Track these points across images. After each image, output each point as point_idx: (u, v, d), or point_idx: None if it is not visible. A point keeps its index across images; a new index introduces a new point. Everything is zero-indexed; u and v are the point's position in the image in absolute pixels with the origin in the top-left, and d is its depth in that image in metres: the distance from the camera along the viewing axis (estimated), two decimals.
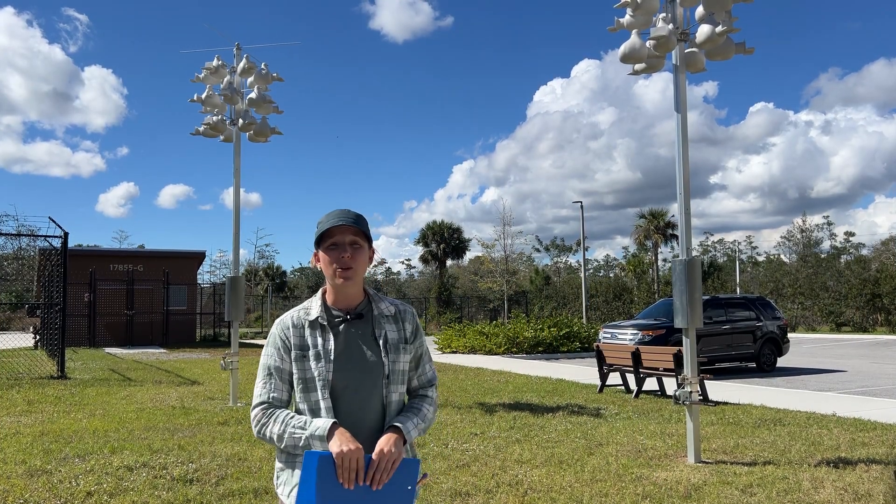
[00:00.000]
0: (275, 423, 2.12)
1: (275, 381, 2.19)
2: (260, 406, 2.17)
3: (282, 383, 2.19)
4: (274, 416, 2.14)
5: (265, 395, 2.18)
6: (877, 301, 37.36)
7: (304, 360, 2.18)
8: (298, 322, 2.22)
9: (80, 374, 15.70)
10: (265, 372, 2.21)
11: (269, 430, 2.13)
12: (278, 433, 2.11)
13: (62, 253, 15.34)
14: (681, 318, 7.08)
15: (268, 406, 2.17)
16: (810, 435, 7.96)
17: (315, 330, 2.21)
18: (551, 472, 6.29)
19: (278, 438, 2.11)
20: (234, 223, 11.62)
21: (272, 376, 2.20)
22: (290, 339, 2.20)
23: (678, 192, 7.27)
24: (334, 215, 2.23)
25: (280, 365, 2.20)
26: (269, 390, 2.18)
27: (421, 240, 52.26)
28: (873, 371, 16.08)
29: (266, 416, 2.15)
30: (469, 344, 23.31)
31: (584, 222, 36.62)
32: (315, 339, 2.19)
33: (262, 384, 2.20)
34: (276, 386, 2.19)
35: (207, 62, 11.58)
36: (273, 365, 2.20)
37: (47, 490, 5.68)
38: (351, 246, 2.21)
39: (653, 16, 7.22)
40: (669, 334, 14.93)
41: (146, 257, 30.98)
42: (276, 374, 2.20)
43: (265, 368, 2.21)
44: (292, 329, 2.21)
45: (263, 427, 2.14)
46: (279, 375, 2.20)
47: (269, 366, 2.21)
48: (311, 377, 2.16)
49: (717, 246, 74.60)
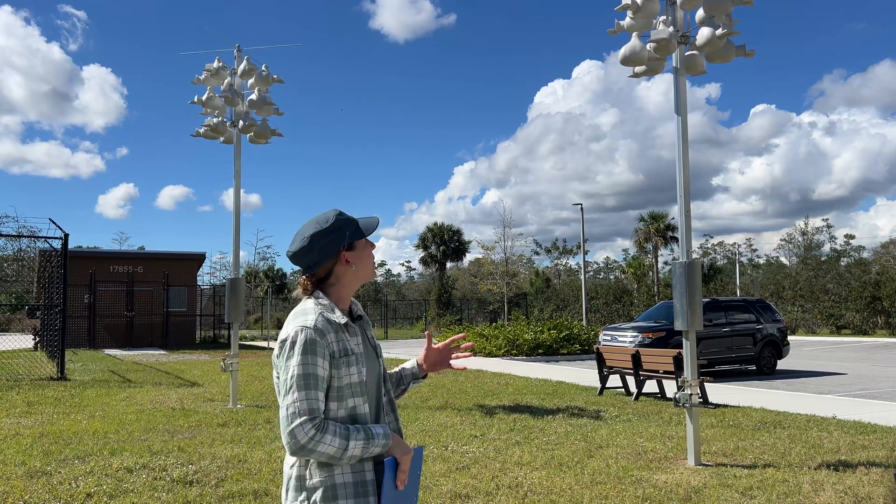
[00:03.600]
0: (334, 437, 2.03)
1: (319, 392, 2.09)
2: (311, 421, 2.04)
3: (322, 393, 2.10)
4: (328, 429, 2.04)
5: (314, 407, 2.06)
6: (877, 304, 37.34)
7: (346, 366, 2.12)
8: (328, 327, 2.14)
9: (80, 375, 15.69)
10: (307, 381, 2.07)
11: (327, 444, 2.02)
12: (339, 445, 2.03)
13: (62, 254, 15.35)
14: (681, 321, 7.08)
15: (319, 420, 2.06)
16: (810, 438, 7.95)
17: (343, 334, 2.17)
18: (551, 474, 6.29)
19: (337, 450, 2.03)
20: (234, 225, 11.63)
21: (317, 387, 2.08)
22: (332, 345, 2.12)
23: (678, 195, 7.28)
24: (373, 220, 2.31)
25: (322, 374, 2.09)
26: (316, 402, 2.07)
27: (421, 243, 52.29)
28: (873, 374, 16.07)
29: (320, 430, 2.04)
30: None
31: (585, 224, 36.63)
32: (351, 344, 2.16)
33: (304, 394, 2.06)
34: (320, 397, 2.09)
35: (208, 64, 11.60)
36: (317, 374, 2.08)
37: (47, 491, 5.68)
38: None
39: (653, 18, 7.23)
40: (669, 337, 14.92)
41: (146, 259, 30.98)
42: (320, 384, 2.09)
43: (308, 378, 2.07)
44: (330, 334, 2.13)
45: (317, 443, 2.02)
46: (322, 385, 2.09)
47: (313, 374, 2.08)
48: (350, 383, 2.12)
49: (718, 248, 74.60)
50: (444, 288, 50.90)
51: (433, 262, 52.39)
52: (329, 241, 2.21)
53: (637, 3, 7.10)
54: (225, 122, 11.72)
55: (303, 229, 2.24)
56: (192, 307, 31.10)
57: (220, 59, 11.64)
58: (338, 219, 2.23)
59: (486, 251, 43.29)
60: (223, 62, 11.63)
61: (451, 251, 51.75)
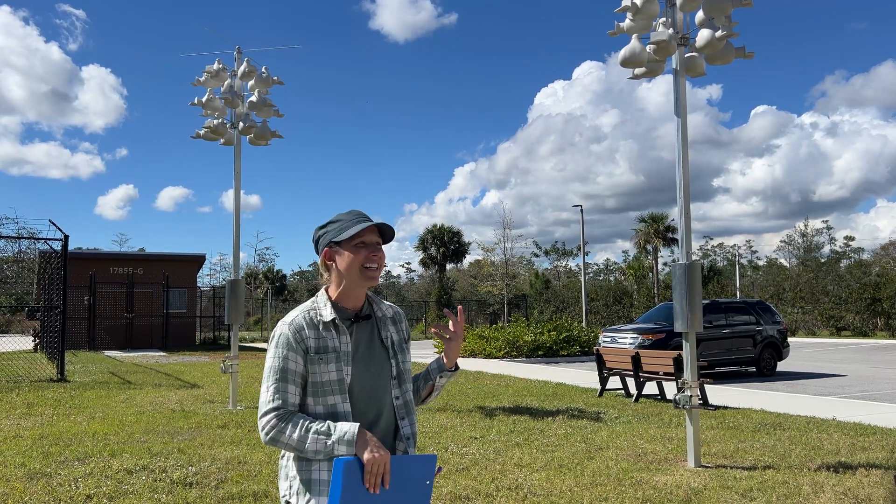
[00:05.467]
0: (294, 429, 2.04)
1: (288, 385, 2.10)
2: (274, 412, 2.07)
3: (294, 387, 2.10)
4: (291, 421, 2.05)
5: (279, 400, 2.08)
6: (877, 305, 37.36)
7: (322, 363, 2.11)
8: (312, 323, 2.15)
9: (80, 377, 15.69)
10: (277, 375, 2.10)
11: (287, 436, 2.03)
12: (298, 438, 2.03)
13: (62, 256, 15.35)
14: (681, 322, 7.08)
15: (283, 411, 2.07)
16: (810, 439, 7.95)
17: (330, 331, 2.16)
18: (551, 476, 6.29)
19: (298, 443, 2.03)
20: (234, 226, 11.63)
21: (286, 380, 2.10)
22: (306, 341, 2.12)
23: (678, 197, 7.28)
24: (362, 215, 2.24)
25: (294, 368, 2.10)
26: (282, 394, 2.09)
27: (421, 244, 52.30)
28: (873, 375, 16.07)
29: (282, 420, 2.05)
30: (469, 347, 23.29)
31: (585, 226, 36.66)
32: (333, 341, 2.14)
33: (274, 388, 2.09)
34: (290, 390, 2.10)
35: (208, 65, 11.61)
36: (286, 367, 2.10)
37: (47, 493, 5.68)
38: (377, 246, 2.23)
39: (653, 20, 7.23)
40: (669, 338, 14.92)
41: (146, 260, 31.00)
42: (290, 378, 2.10)
43: (277, 371, 2.10)
44: (308, 330, 2.13)
45: (279, 433, 2.04)
46: (292, 379, 2.10)
47: (283, 368, 2.09)
48: (329, 380, 2.11)
49: (717, 250, 74.56)
50: (444, 289, 50.90)
51: (433, 264, 52.40)
52: (318, 240, 2.26)
53: (637, 4, 7.10)
54: (225, 123, 11.73)
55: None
56: (191, 309, 31.10)
57: (220, 60, 11.66)
58: (333, 218, 2.26)
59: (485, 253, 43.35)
60: (223, 64, 11.64)
61: (451, 253, 51.76)
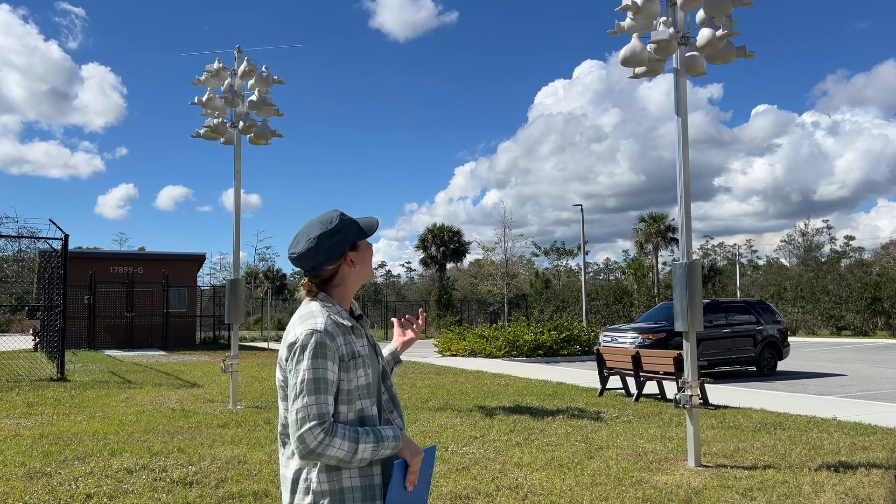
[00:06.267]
0: (342, 440, 2.03)
1: (328, 397, 2.08)
2: (320, 426, 2.03)
3: (331, 397, 2.09)
4: (338, 433, 2.04)
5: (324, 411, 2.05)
6: (877, 305, 37.36)
7: (354, 369, 2.12)
8: (337, 330, 2.13)
9: (80, 376, 15.69)
10: (317, 385, 2.06)
11: (336, 448, 2.02)
12: (348, 449, 2.03)
13: (62, 255, 15.35)
14: (681, 322, 7.08)
15: (328, 424, 2.05)
16: (811, 439, 7.95)
17: (350, 336, 2.16)
18: (551, 475, 6.28)
19: (347, 454, 2.03)
20: (234, 226, 11.63)
21: (326, 391, 2.07)
22: (341, 348, 2.12)
23: (678, 196, 7.28)
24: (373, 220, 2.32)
25: (332, 378, 2.09)
26: (326, 405, 2.06)
27: (421, 243, 52.31)
28: (873, 375, 16.06)
29: (328, 434, 2.03)
30: (469, 347, 23.30)
31: (585, 225, 36.64)
32: (357, 346, 2.16)
33: (314, 398, 2.05)
34: (329, 401, 2.08)
35: (208, 65, 11.61)
36: (327, 378, 2.07)
37: (47, 492, 5.68)
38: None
39: (653, 19, 7.23)
40: (670, 338, 14.91)
41: (146, 260, 30.99)
42: (329, 388, 2.08)
43: (318, 382, 2.06)
44: (340, 337, 2.12)
45: (327, 447, 2.02)
46: (331, 389, 2.09)
47: (323, 379, 2.07)
48: (357, 385, 2.12)
49: (718, 249, 74.62)
50: (444, 289, 50.92)
51: (433, 263, 52.39)
52: (335, 242, 2.19)
53: (637, 4, 7.10)
54: (225, 122, 11.73)
55: (306, 230, 2.21)
56: (191, 308, 31.10)
57: (220, 59, 11.65)
58: (342, 219, 2.23)
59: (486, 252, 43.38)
60: (223, 63, 11.64)
61: (451, 252, 51.76)
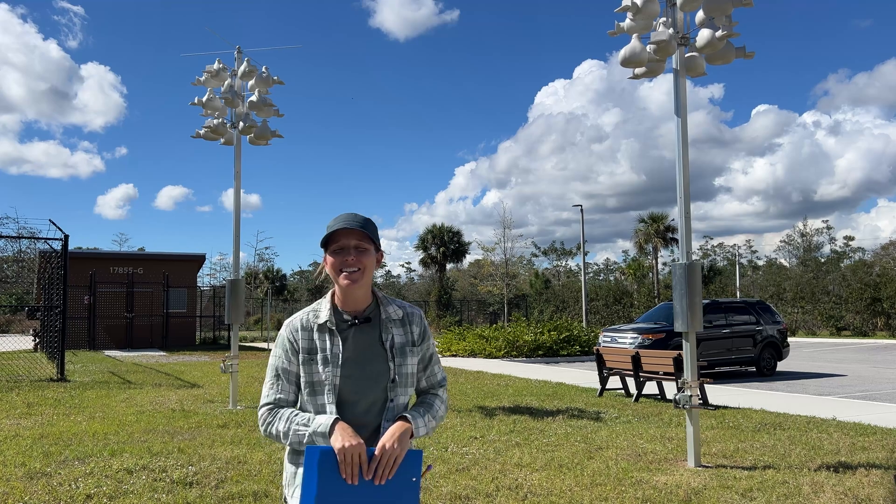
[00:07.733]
0: (280, 421, 2.17)
1: (282, 383, 2.23)
2: (266, 406, 2.22)
3: (288, 385, 2.24)
4: (279, 414, 2.18)
5: (272, 396, 2.22)
6: (877, 305, 37.37)
7: (312, 364, 2.20)
8: (307, 325, 2.24)
9: (80, 376, 15.69)
10: (273, 373, 2.25)
11: (275, 428, 2.17)
12: (283, 430, 2.15)
13: (63, 255, 15.35)
14: (681, 322, 7.08)
15: (274, 406, 2.21)
16: (810, 439, 7.95)
17: (324, 333, 2.23)
18: (551, 475, 6.29)
19: (283, 435, 2.16)
20: (234, 226, 11.63)
21: (279, 378, 2.24)
22: (299, 342, 2.23)
23: (678, 196, 7.28)
24: (341, 219, 2.24)
25: (287, 367, 2.23)
26: (276, 391, 2.23)
27: (421, 244, 52.27)
28: (873, 375, 16.07)
29: (271, 415, 2.19)
30: (469, 347, 23.30)
31: (585, 225, 36.66)
32: (324, 343, 2.22)
33: (269, 385, 2.24)
34: (283, 387, 2.23)
35: (208, 65, 11.61)
36: (280, 366, 2.24)
37: (47, 493, 5.68)
38: (355, 249, 2.20)
39: (653, 20, 7.23)
40: (669, 338, 14.92)
41: (146, 260, 30.99)
42: (283, 376, 2.23)
43: (273, 369, 2.25)
44: (301, 332, 2.24)
45: (269, 426, 2.18)
46: (286, 377, 2.23)
47: (277, 367, 2.25)
48: (319, 381, 2.20)
49: (718, 250, 74.63)
50: (444, 289, 50.89)
51: (433, 264, 52.35)
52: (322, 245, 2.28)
53: (637, 4, 7.10)
54: (225, 123, 11.73)
55: None
56: (191, 308, 31.11)
57: (220, 60, 11.66)
58: (329, 222, 2.27)
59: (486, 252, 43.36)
60: (223, 63, 11.64)
61: (451, 252, 51.72)
